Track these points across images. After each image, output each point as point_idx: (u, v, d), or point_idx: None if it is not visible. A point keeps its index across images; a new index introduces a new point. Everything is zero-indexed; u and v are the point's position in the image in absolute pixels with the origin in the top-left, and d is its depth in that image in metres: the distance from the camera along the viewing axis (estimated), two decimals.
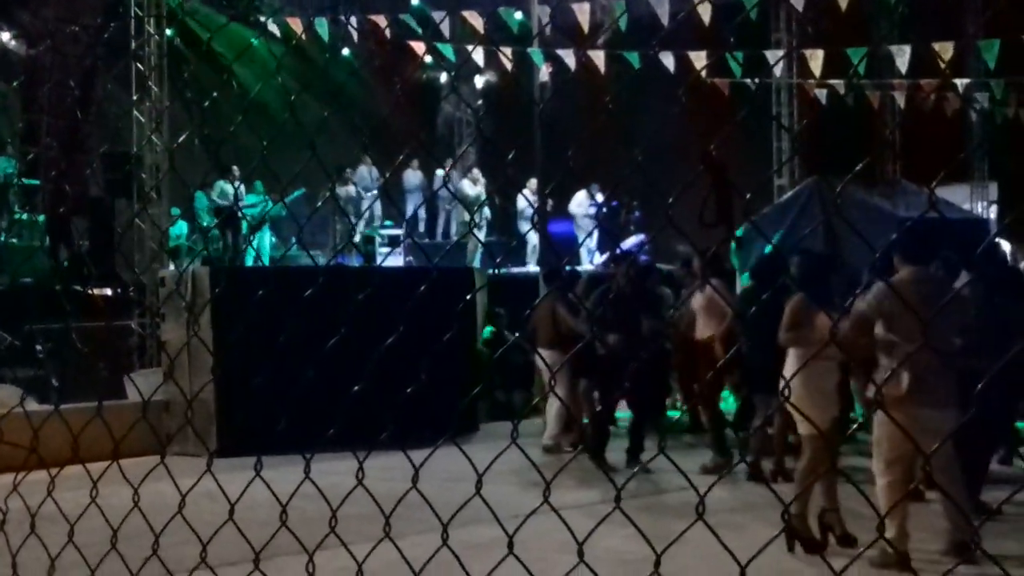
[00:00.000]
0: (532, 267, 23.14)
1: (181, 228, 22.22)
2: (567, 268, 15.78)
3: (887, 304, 7.57)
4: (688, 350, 12.92)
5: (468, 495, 2.78)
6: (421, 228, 25.64)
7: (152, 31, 17.70)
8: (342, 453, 3.24)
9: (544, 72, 21.97)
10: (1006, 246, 16.80)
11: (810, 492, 8.32)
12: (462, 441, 10.63)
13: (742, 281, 16.08)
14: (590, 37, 20.48)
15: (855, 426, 10.54)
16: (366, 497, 2.93)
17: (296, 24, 20.18)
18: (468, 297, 13.59)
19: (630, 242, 23.34)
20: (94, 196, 20.23)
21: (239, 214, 20.92)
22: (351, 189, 22.74)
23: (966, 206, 24.35)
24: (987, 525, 8.06)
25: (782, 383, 5.37)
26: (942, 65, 17.96)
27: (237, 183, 20.68)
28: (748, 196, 3.20)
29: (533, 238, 23.15)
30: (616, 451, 12.46)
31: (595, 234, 23.99)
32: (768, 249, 14.77)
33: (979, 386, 2.97)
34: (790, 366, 8.40)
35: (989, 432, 9.31)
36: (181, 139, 17.33)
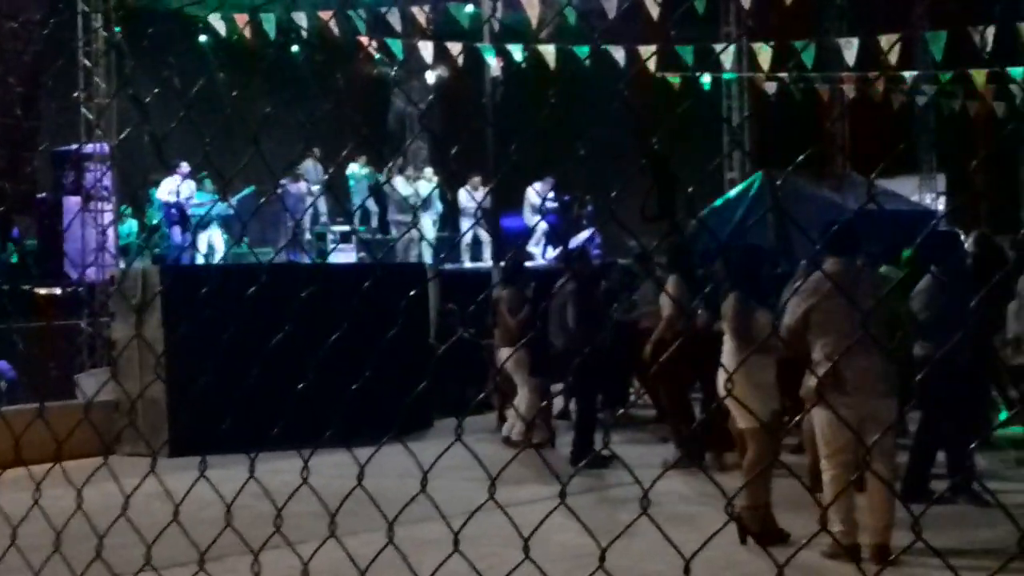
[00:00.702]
0: (486, 263, 23.11)
1: (132, 226, 22.03)
2: (517, 264, 15.78)
3: (804, 305, 7.65)
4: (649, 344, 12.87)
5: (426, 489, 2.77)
6: (374, 224, 25.53)
7: (99, 26, 17.54)
8: (296, 450, 3.21)
9: (495, 66, 21.95)
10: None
11: (758, 485, 8.37)
12: (415, 437, 10.64)
13: None
14: (540, 32, 20.48)
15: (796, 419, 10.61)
16: (322, 495, 2.91)
17: (242, 19, 20.05)
18: (412, 293, 13.56)
19: (582, 236, 23.38)
20: (41, 194, 20.04)
21: (185, 211, 20.75)
22: (302, 186, 22.61)
23: (914, 197, 24.58)
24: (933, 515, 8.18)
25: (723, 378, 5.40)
26: (888, 57, 18.06)
27: (183, 180, 20.49)
28: (690, 189, 3.20)
29: (486, 234, 23.14)
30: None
31: (547, 229, 24.01)
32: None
33: (919, 375, 3.00)
34: (728, 360, 8.47)
35: (938, 421, 9.41)
36: (123, 135, 17.18)
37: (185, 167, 20.38)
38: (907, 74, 21.99)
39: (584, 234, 23.47)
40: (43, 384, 14.54)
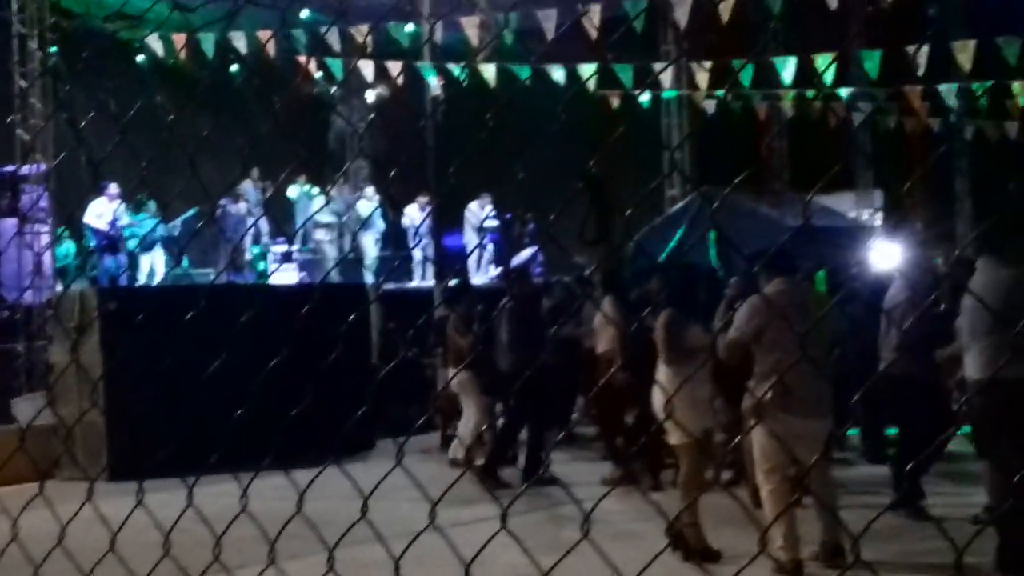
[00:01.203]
0: (426, 281, 23.08)
1: (69, 248, 21.80)
2: (463, 283, 15.79)
3: (756, 321, 7.72)
4: (589, 364, 12.93)
5: (368, 512, 2.76)
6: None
7: (35, 47, 17.39)
8: (243, 473, 3.18)
9: (435, 85, 21.97)
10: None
11: (696, 501, 8.43)
12: (358, 458, 10.56)
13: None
14: (478, 54, 20.53)
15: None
16: (263, 519, 2.89)
17: (179, 40, 19.92)
18: (352, 317, 13.53)
19: (523, 255, 23.40)
20: None
21: (118, 235, 20.54)
22: (242, 207, 22.48)
23: (852, 214, 24.83)
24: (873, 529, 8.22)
25: (659, 396, 5.49)
26: (823, 75, 18.27)
27: (112, 202, 20.26)
28: (628, 213, 3.19)
29: (426, 252, 23.13)
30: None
31: (489, 247, 24.02)
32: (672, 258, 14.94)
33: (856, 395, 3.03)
34: (662, 378, 8.56)
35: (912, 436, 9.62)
36: (59, 159, 17.02)
37: (114, 189, 20.15)
38: (843, 91, 22.25)
39: (526, 252, 23.49)
40: None
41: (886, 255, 16.95)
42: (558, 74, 20.70)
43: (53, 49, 18.94)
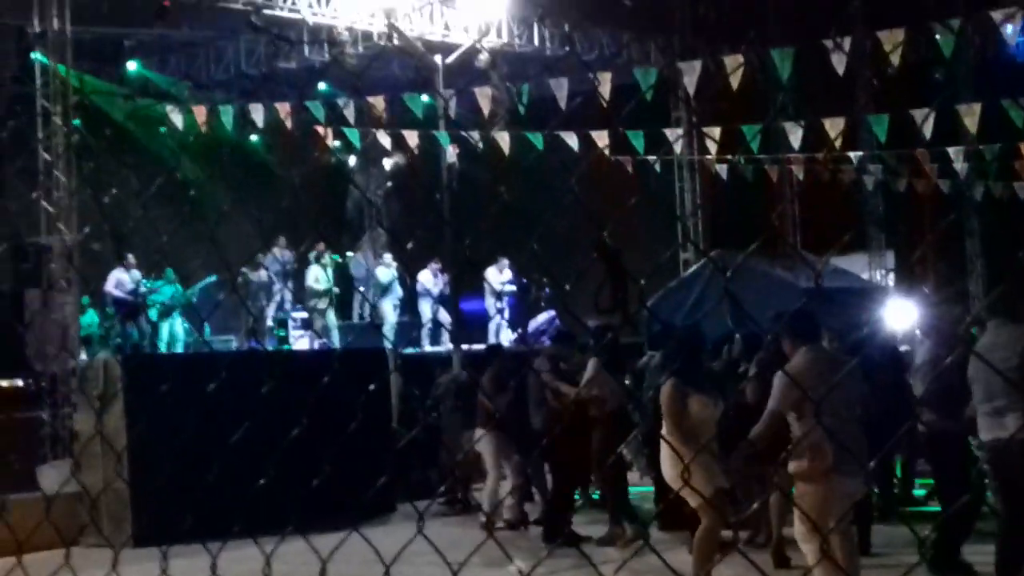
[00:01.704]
0: (446, 346, 23.20)
1: (92, 317, 22.05)
2: (488, 345, 16.01)
3: (793, 394, 7.76)
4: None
5: None
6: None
7: (59, 122, 17.72)
8: (266, 538, 3.20)
9: (451, 153, 22.26)
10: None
11: (710, 560, 8.57)
12: (379, 523, 10.65)
13: None
14: (494, 120, 20.84)
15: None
16: None
17: (200, 112, 20.26)
18: (371, 387, 13.68)
19: (541, 319, 23.55)
20: (2, 287, 20.04)
21: (137, 302, 20.81)
22: (263, 274, 22.73)
23: (865, 275, 24.94)
24: None
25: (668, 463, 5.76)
26: (834, 140, 18.50)
27: (133, 271, 20.55)
28: (642, 282, 3.32)
29: (446, 317, 23.28)
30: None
31: (506, 312, 24.16)
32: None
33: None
34: (666, 449, 8.77)
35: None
36: (84, 232, 17.28)
37: (132, 259, 20.47)
38: (853, 155, 22.47)
39: (543, 316, 23.64)
40: (4, 477, 14.52)
41: (900, 315, 17.10)
42: (572, 140, 20.96)
43: (76, 123, 19.29)
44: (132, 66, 25.02)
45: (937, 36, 16.98)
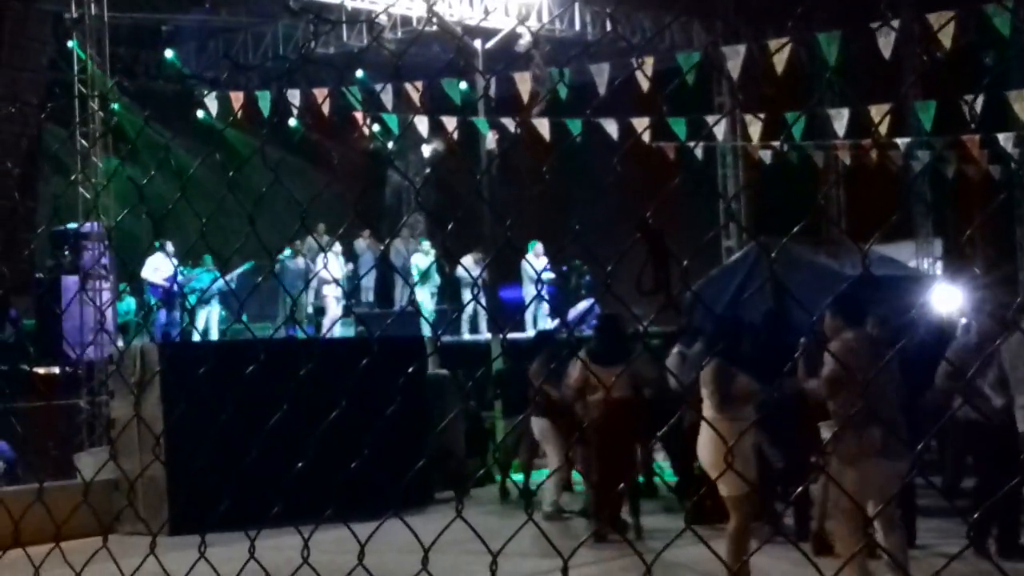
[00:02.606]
0: (484, 335, 23.09)
1: (130, 304, 22.05)
2: (544, 334, 15.86)
3: (850, 359, 7.81)
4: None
5: (429, 565, 2.76)
6: (371, 298, 25.59)
7: (95, 107, 17.68)
8: (301, 526, 3.20)
9: (491, 140, 22.11)
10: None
11: (744, 553, 8.41)
12: (416, 511, 10.55)
13: None
14: (532, 109, 20.67)
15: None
16: (326, 572, 2.91)
17: (237, 98, 20.18)
18: (410, 370, 13.55)
19: (580, 307, 23.38)
20: (40, 274, 20.07)
21: (175, 289, 20.80)
22: (300, 261, 22.66)
23: (912, 263, 24.64)
24: None
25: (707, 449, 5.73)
26: (880, 126, 18.20)
27: (166, 258, 20.51)
28: (685, 263, 3.19)
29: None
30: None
31: (546, 296, 24.01)
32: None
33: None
34: (705, 429, 8.59)
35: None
36: (119, 217, 17.20)
37: (170, 246, 20.45)
38: (900, 141, 22.14)
39: (583, 304, 23.48)
40: (43, 464, 14.50)
41: (947, 302, 16.81)
42: (612, 127, 20.77)
43: (115, 107, 19.29)
44: (168, 54, 25.04)
45: (991, 17, 16.61)
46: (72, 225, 18.30)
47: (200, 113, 22.12)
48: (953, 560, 2.37)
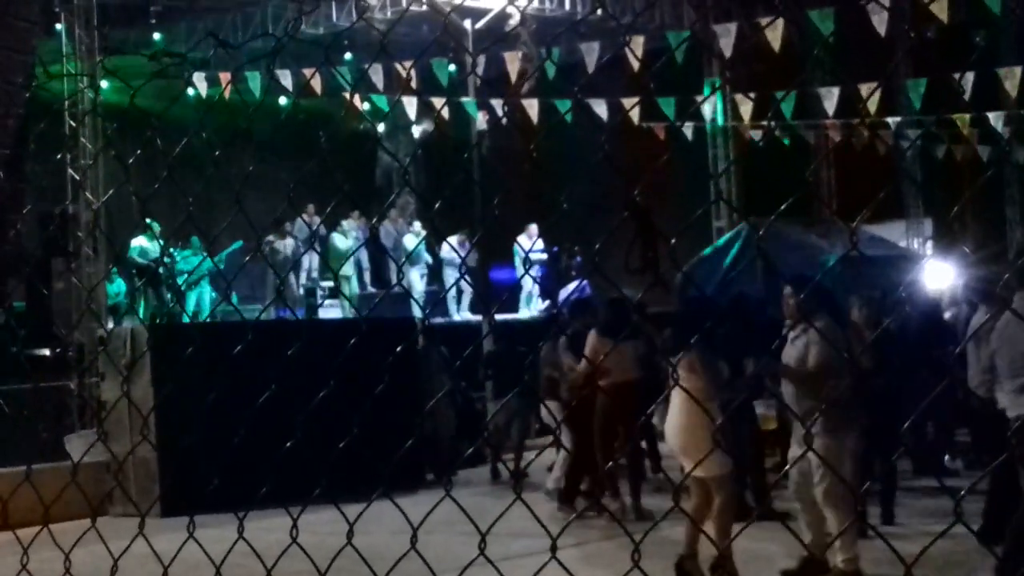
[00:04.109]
0: (476, 316, 23.06)
1: (120, 286, 21.98)
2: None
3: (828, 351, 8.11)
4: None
5: (418, 546, 2.76)
6: (366, 279, 25.54)
7: (84, 87, 17.60)
8: (294, 507, 3.21)
9: (480, 121, 22.05)
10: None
11: (729, 532, 8.61)
12: (407, 493, 10.56)
13: None
14: (519, 87, 20.59)
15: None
16: (314, 553, 2.90)
17: (225, 77, 20.06)
18: (399, 348, 13.54)
19: (572, 288, 23.36)
20: (29, 256, 19.97)
21: (160, 271, 20.74)
22: (289, 243, 22.61)
23: (902, 243, 24.67)
24: None
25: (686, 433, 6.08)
26: (869, 104, 18.14)
27: (159, 240, 20.45)
28: (672, 241, 3.16)
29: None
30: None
31: (537, 278, 24.01)
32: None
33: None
34: (681, 414, 8.66)
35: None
36: (105, 197, 17.14)
37: (157, 227, 20.37)
38: (890, 120, 22.12)
39: (574, 285, 23.46)
40: (32, 446, 14.47)
41: (938, 279, 16.84)
42: (601, 108, 20.74)
43: (105, 85, 19.16)
44: (157, 36, 24.91)
45: None
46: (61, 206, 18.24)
47: (191, 91, 22.01)
48: (938, 539, 2.36)
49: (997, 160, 22.12)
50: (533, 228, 23.00)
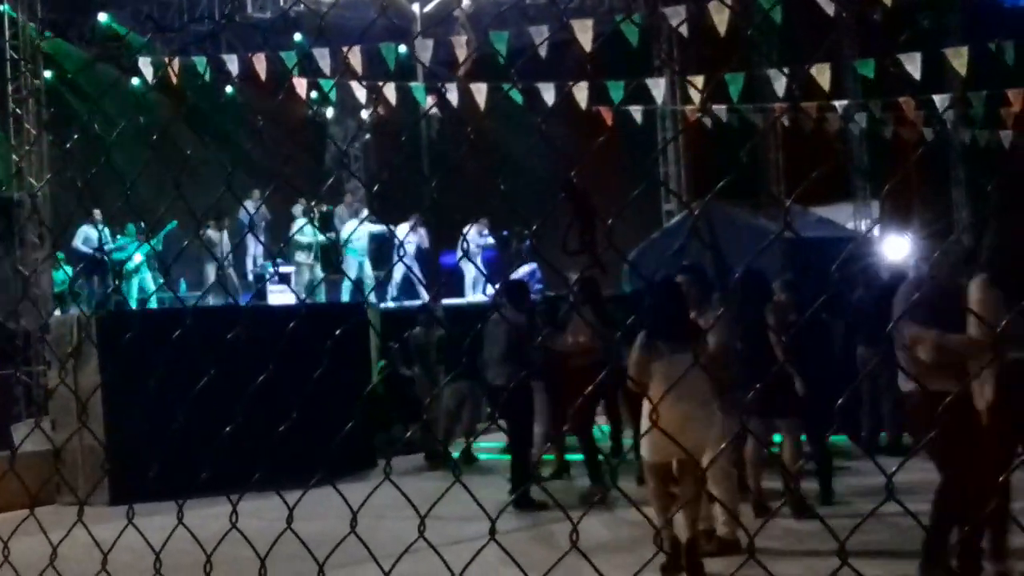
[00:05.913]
0: (422, 301, 23.00)
1: (67, 273, 21.76)
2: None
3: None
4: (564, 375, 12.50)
5: (366, 531, 2.76)
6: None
7: (25, 71, 17.42)
8: (238, 494, 3.17)
9: (427, 104, 21.98)
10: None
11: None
12: (358, 477, 10.52)
13: None
14: (472, 71, 20.54)
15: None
16: (260, 539, 2.89)
17: (171, 63, 19.90)
18: (338, 331, 13.49)
19: (522, 271, 23.36)
20: None
21: (103, 259, 20.59)
22: (224, 236, 22.37)
23: (850, 224, 24.87)
24: None
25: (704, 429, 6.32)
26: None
27: (100, 226, 20.30)
28: (609, 222, 3.13)
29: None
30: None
31: (479, 262, 24.00)
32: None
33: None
34: (680, 407, 8.60)
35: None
36: (43, 183, 16.96)
37: (97, 214, 20.21)
38: (837, 103, 22.26)
39: (525, 269, 23.45)
40: None
41: (885, 257, 16.97)
42: (548, 93, 20.74)
43: (48, 74, 18.98)
44: (103, 17, 24.63)
45: None
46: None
47: (136, 80, 21.82)
48: (871, 516, 2.38)
49: (935, 138, 22.28)
50: (484, 222, 23.06)
